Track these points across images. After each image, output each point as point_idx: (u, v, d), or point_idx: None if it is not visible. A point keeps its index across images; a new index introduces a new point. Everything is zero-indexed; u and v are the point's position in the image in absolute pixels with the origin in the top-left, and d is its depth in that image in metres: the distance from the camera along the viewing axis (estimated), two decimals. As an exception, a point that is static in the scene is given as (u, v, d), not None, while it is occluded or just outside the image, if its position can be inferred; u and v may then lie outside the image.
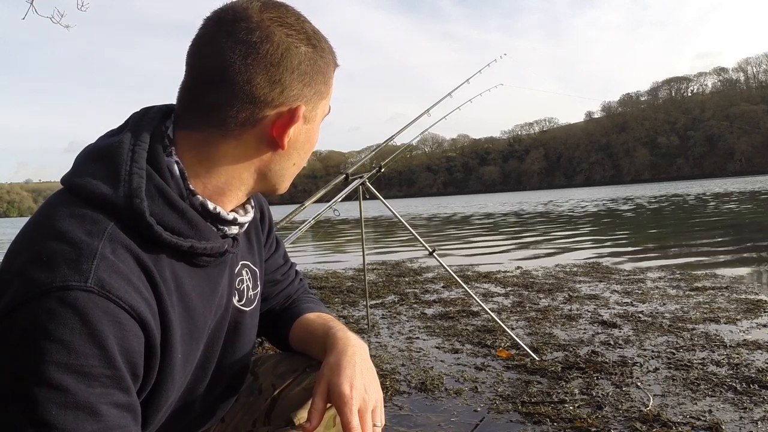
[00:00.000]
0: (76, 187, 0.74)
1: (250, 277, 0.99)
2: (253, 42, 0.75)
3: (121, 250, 0.70)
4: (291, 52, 0.77)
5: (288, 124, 0.79)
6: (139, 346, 0.68)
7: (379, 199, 3.29)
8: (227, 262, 0.89)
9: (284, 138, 0.80)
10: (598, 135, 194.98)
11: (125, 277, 0.68)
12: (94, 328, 0.63)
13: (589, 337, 3.24)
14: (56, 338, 0.62)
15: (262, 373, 1.06)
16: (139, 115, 0.83)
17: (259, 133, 0.79)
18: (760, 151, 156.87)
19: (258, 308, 1.03)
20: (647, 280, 5.02)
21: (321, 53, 0.81)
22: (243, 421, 1.02)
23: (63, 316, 0.62)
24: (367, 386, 0.90)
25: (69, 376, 0.62)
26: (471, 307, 4.19)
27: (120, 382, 0.66)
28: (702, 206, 18.68)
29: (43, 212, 0.74)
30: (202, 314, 0.83)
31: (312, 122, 0.84)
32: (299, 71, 0.78)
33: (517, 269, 6.22)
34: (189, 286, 0.80)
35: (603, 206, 23.70)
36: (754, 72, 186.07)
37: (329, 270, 7.02)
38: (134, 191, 0.73)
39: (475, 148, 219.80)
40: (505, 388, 2.49)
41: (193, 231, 0.78)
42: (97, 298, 0.64)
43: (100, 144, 0.80)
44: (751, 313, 3.60)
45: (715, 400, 2.23)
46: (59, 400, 0.61)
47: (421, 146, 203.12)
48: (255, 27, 0.76)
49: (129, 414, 0.68)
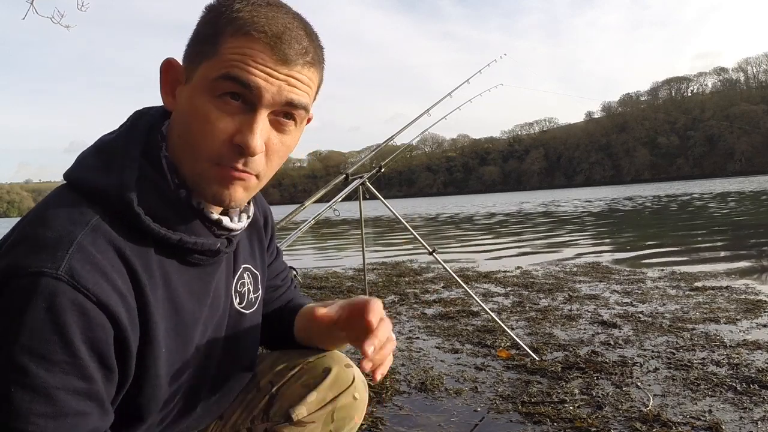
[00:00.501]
0: (72, 179, 0.77)
1: (251, 280, 0.99)
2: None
3: (102, 242, 0.71)
4: (199, 20, 0.80)
5: (164, 77, 0.83)
6: (106, 337, 0.69)
7: (379, 199, 3.29)
8: (221, 263, 0.89)
9: (164, 93, 0.84)
10: (598, 135, 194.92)
11: (99, 269, 0.69)
12: (58, 317, 0.65)
13: (589, 337, 3.24)
14: (22, 321, 0.64)
15: (260, 371, 1.06)
16: (139, 114, 0.85)
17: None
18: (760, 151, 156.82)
19: (260, 312, 1.03)
20: (647, 280, 5.02)
21: (219, 14, 0.77)
22: (241, 417, 1.03)
23: (32, 301, 0.65)
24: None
25: (30, 359, 0.64)
26: (471, 307, 4.19)
27: (81, 369, 0.67)
28: (702, 206, 18.68)
29: (41, 202, 0.77)
30: (191, 312, 0.83)
31: (192, 85, 0.80)
32: (194, 32, 0.80)
33: (517, 269, 6.22)
34: (178, 282, 0.81)
35: (603, 206, 23.70)
36: (754, 72, 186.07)
37: (329, 270, 7.02)
38: (124, 181, 0.74)
39: (475, 148, 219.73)
40: (505, 388, 2.49)
41: (183, 224, 0.79)
42: (65, 287, 0.66)
43: (100, 141, 0.82)
44: (751, 313, 3.59)
45: (715, 400, 2.23)
46: (17, 380, 0.64)
47: (421, 146, 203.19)
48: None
49: (91, 402, 0.69)
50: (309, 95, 0.79)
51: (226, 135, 0.74)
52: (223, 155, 0.75)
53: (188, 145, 0.77)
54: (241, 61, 0.73)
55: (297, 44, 0.75)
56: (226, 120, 0.74)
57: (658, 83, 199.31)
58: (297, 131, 0.81)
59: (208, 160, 0.76)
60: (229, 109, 0.74)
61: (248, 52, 0.73)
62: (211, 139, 0.74)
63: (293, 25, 0.76)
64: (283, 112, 0.78)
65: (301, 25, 0.78)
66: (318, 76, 0.81)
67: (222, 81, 0.73)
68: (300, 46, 0.76)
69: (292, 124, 0.79)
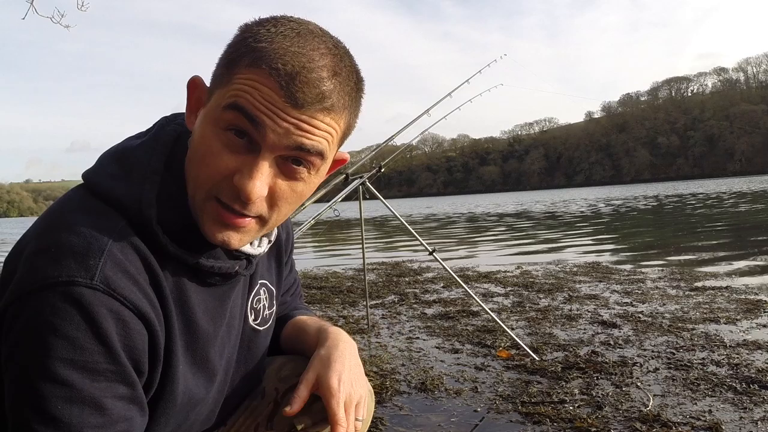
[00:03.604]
0: (93, 183, 0.75)
1: (267, 296, 0.98)
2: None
3: (130, 250, 0.70)
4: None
5: (190, 95, 0.77)
6: (142, 344, 0.69)
7: (379, 199, 3.29)
8: (238, 282, 0.88)
9: (189, 109, 0.79)
10: (598, 135, 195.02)
11: (131, 277, 0.68)
12: (98, 325, 0.64)
13: (589, 337, 3.24)
14: (61, 334, 0.63)
15: (265, 377, 1.05)
16: (166, 121, 0.82)
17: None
18: (760, 151, 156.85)
19: (272, 328, 1.02)
20: (647, 280, 5.02)
21: (243, 40, 0.72)
22: (245, 424, 1.01)
23: (68, 312, 0.63)
24: (354, 382, 0.93)
25: (74, 371, 0.63)
26: (471, 307, 4.19)
27: (124, 376, 0.67)
28: (703, 206, 18.68)
29: (59, 204, 0.74)
30: (205, 331, 0.81)
31: (207, 110, 0.76)
32: (220, 57, 0.76)
33: (517, 269, 6.21)
34: (193, 300, 0.79)
35: (604, 206, 23.69)
36: (754, 72, 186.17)
37: (329, 270, 7.02)
38: (145, 197, 0.72)
39: (475, 148, 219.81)
40: (505, 388, 2.49)
41: (201, 245, 0.76)
42: (101, 296, 0.65)
43: (123, 145, 0.79)
44: (751, 313, 3.59)
45: (715, 400, 2.23)
46: (64, 395, 0.63)
47: (421, 146, 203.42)
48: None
49: (134, 406, 0.69)
50: (328, 141, 0.71)
51: (227, 172, 0.69)
52: (222, 191, 0.70)
53: (193, 171, 0.72)
54: (250, 94, 0.67)
55: (313, 88, 0.67)
56: (228, 156, 0.69)
57: (658, 83, 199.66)
58: (314, 177, 0.74)
59: (207, 191, 0.71)
60: (233, 146, 0.69)
61: (258, 87, 0.67)
62: (211, 172, 0.70)
63: (318, 64, 0.68)
64: (293, 157, 0.70)
65: (330, 64, 0.69)
66: (342, 122, 0.72)
67: (228, 110, 0.68)
68: (317, 90, 0.67)
69: (305, 171, 0.72)
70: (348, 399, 0.90)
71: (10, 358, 0.65)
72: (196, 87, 0.76)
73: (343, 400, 0.89)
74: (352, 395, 0.91)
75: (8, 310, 0.65)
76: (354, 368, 0.94)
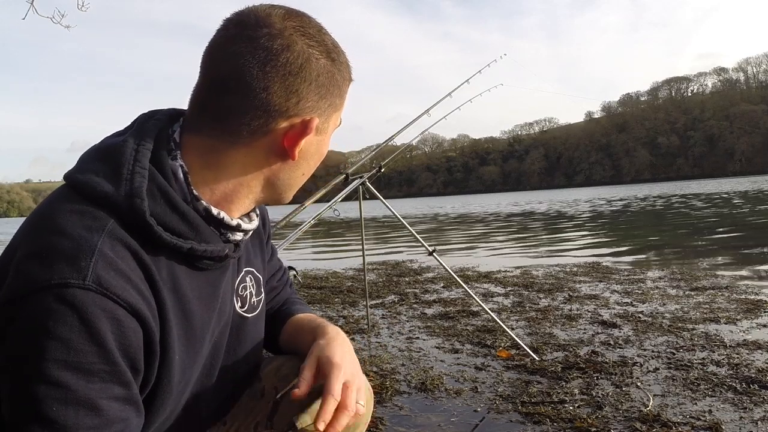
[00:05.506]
0: (78, 183, 0.74)
1: (254, 283, 0.99)
2: (274, 49, 0.74)
3: (121, 247, 0.70)
4: (310, 63, 0.76)
5: (300, 136, 0.79)
6: (137, 342, 0.69)
7: (379, 199, 3.30)
8: (228, 267, 0.89)
9: (295, 149, 0.79)
10: (598, 135, 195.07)
11: (123, 275, 0.68)
12: (92, 326, 0.64)
13: (589, 337, 3.24)
14: (55, 336, 0.63)
15: (265, 376, 1.05)
16: (145, 117, 0.83)
17: (269, 143, 0.79)
18: (760, 151, 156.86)
19: (262, 316, 1.02)
20: (647, 280, 5.02)
21: (339, 67, 0.80)
22: (245, 423, 1.01)
23: (62, 314, 0.63)
24: (354, 371, 0.93)
25: (69, 373, 0.63)
26: (471, 307, 4.19)
27: (119, 376, 0.67)
28: (702, 206, 18.67)
29: (44, 207, 0.74)
30: (201, 318, 0.83)
31: (323, 134, 0.84)
32: (317, 83, 0.77)
33: (517, 269, 6.21)
34: (187, 288, 0.80)
35: (604, 206, 23.69)
36: (754, 72, 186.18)
37: (329, 270, 7.02)
38: (135, 190, 0.72)
39: (475, 148, 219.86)
40: (505, 388, 2.49)
41: (193, 233, 0.78)
42: (95, 296, 0.65)
43: (105, 143, 0.80)
44: (751, 313, 3.59)
45: (715, 400, 2.23)
46: (60, 397, 0.63)
47: (421, 146, 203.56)
48: (277, 34, 0.74)
49: (130, 406, 0.69)
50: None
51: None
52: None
53: (296, 185, 0.87)
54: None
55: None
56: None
57: (658, 83, 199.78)
58: None
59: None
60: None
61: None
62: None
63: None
64: None
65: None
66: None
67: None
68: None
69: None
70: (350, 378, 0.90)
71: (4, 362, 0.65)
72: (313, 125, 0.81)
73: (344, 377, 0.88)
74: (354, 375, 0.91)
75: (1, 315, 0.65)
76: (354, 360, 0.95)
